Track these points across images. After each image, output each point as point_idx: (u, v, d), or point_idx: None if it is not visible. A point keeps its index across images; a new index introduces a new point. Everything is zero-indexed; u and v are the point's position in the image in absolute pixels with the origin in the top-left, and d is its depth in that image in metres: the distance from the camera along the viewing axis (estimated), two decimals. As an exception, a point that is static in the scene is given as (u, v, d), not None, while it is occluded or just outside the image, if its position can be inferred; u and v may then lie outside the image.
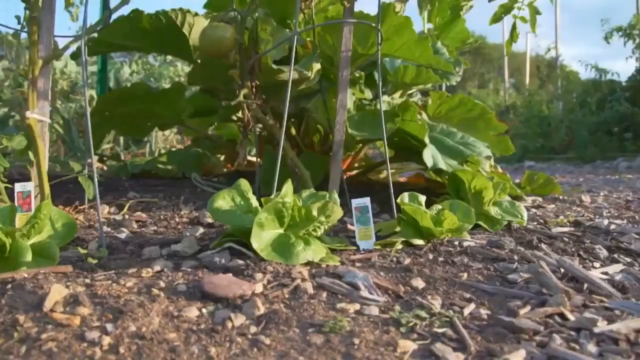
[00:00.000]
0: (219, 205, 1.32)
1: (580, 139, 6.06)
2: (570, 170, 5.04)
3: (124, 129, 2.79)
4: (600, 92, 6.69)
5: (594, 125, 6.09)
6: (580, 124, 6.14)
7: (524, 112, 7.41)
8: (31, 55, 1.67)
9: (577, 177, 4.05)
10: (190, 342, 0.90)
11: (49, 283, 1.08)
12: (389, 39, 2.07)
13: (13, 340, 0.88)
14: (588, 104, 6.54)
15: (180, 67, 4.39)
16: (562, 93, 7.34)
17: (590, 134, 6.03)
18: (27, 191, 1.54)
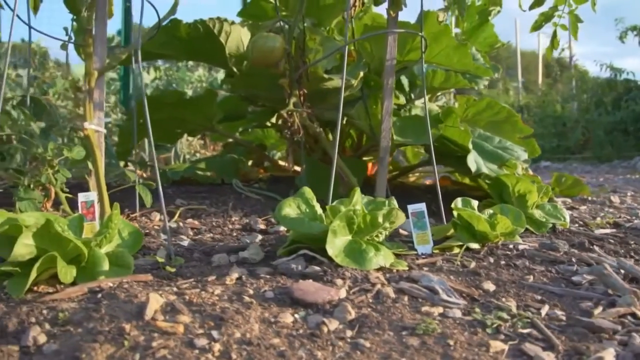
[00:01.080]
0: (286, 213, 1.36)
1: (596, 139, 6.12)
2: (588, 169, 5.11)
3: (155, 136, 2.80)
4: (615, 92, 6.77)
5: (610, 124, 6.16)
6: (597, 124, 6.21)
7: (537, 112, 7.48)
8: (87, 67, 1.71)
9: (597, 177, 4.11)
10: (294, 346, 0.94)
11: (140, 292, 1.12)
12: (427, 45, 2.11)
13: (124, 349, 0.92)
14: (604, 103, 6.61)
15: (202, 73, 4.42)
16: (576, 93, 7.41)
17: (607, 133, 6.11)
18: (91, 201, 1.58)
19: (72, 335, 0.97)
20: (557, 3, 1.77)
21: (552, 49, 1.92)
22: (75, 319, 1.03)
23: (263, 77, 2.04)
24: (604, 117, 6.34)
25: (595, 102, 6.71)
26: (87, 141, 1.67)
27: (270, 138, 3.41)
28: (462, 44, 1.99)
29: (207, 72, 4.43)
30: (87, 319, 1.02)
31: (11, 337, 1.01)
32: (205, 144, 4.03)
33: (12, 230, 1.29)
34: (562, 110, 7.28)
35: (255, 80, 2.05)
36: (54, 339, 0.97)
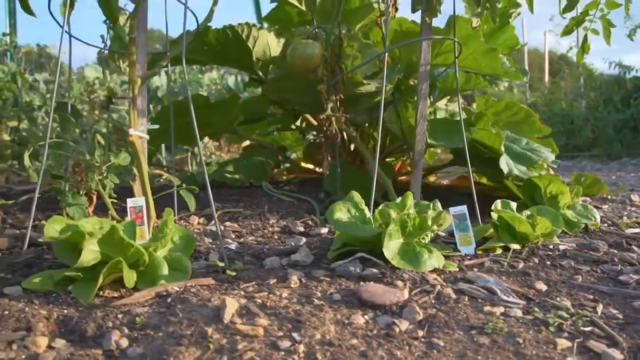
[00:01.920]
0: (339, 217, 1.40)
1: (606, 136, 6.18)
2: (598, 167, 5.17)
3: (178, 138, 2.84)
4: (624, 89, 6.85)
5: (620, 122, 6.22)
6: (606, 121, 6.28)
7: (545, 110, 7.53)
8: (130, 74, 1.73)
9: (609, 175, 4.17)
10: (373, 346, 0.97)
11: (211, 296, 1.16)
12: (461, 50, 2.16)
13: (210, 352, 0.96)
14: (613, 101, 6.68)
15: (214, 75, 4.44)
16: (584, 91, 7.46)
17: (616, 131, 6.17)
18: (139, 206, 1.61)
19: (153, 339, 1.01)
20: (588, 8, 1.82)
21: (583, 52, 1.97)
22: (152, 323, 1.07)
23: (295, 82, 2.07)
24: (613, 114, 6.41)
25: (604, 100, 6.78)
26: (132, 147, 1.70)
27: (285, 140, 3.44)
28: (492, 48, 2.03)
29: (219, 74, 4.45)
30: (166, 323, 1.05)
31: (91, 341, 1.04)
32: (219, 145, 4.06)
33: (75, 236, 1.32)
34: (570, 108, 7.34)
35: (288, 85, 2.08)
36: (136, 343, 1.00)
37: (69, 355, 0.97)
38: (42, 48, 4.01)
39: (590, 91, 7.36)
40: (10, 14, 3.76)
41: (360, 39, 1.86)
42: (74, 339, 1.05)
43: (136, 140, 1.69)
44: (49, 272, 1.32)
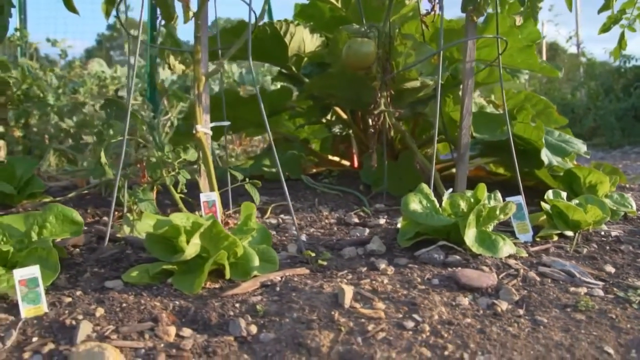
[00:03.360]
0: (414, 208, 1.48)
1: (608, 125, 6.37)
2: (600, 156, 5.37)
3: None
4: (625, 78, 7.06)
5: (622, 111, 6.44)
6: (607, 110, 6.48)
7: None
8: (196, 72, 1.78)
9: (614, 163, 4.34)
10: (486, 324, 1.07)
11: (320, 284, 1.23)
12: (489, 45, 2.25)
13: (343, 334, 1.03)
14: (614, 90, 6.89)
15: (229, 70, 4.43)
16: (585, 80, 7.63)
17: (618, 119, 6.38)
18: (212, 200, 1.66)
19: (281, 325, 1.08)
20: (624, 7, 1.93)
21: (619, 49, 2.08)
22: (272, 310, 1.13)
23: (339, 78, 2.14)
24: (614, 103, 6.63)
25: (605, 89, 6.99)
26: (199, 143, 1.74)
27: (302, 132, 3.50)
28: (528, 45, 2.14)
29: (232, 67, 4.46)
30: (288, 310, 1.12)
31: (216, 329, 1.10)
32: (232, 139, 4.09)
33: (170, 231, 1.37)
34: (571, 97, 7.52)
35: (331, 81, 2.14)
36: (265, 329, 1.07)
37: (205, 343, 1.03)
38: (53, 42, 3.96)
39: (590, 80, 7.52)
40: (20, 10, 3.70)
41: (414, 37, 1.94)
42: (197, 327, 1.11)
43: (202, 136, 1.74)
44: (144, 266, 1.36)
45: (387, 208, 2.05)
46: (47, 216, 1.45)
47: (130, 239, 1.58)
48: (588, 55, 8.83)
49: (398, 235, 1.60)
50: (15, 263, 1.35)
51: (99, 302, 1.20)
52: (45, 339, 1.06)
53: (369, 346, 0.99)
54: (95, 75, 3.72)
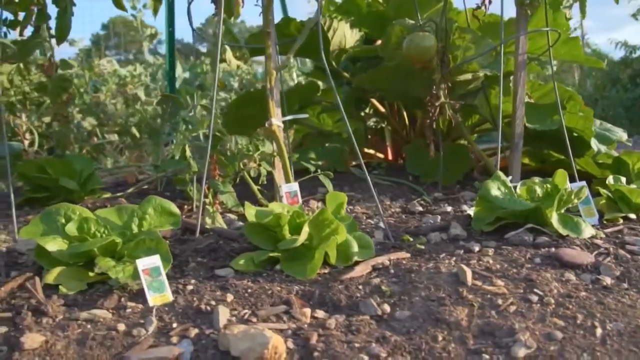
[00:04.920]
0: (496, 194, 1.56)
1: (615, 115, 6.56)
2: None
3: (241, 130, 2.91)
4: (631, 69, 7.27)
5: (629, 101, 6.64)
6: (614, 100, 6.68)
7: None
8: (267, 67, 1.82)
9: (626, 154, 4.52)
10: (599, 296, 1.15)
11: (433, 265, 1.30)
12: (531, 39, 2.33)
13: (476, 308, 1.10)
14: (620, 80, 7.09)
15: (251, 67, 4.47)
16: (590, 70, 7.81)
17: (626, 109, 6.59)
18: (294, 191, 1.71)
19: (412, 303, 1.14)
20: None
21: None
22: (397, 290, 1.20)
23: (389, 72, 2.20)
24: (621, 93, 6.84)
25: (611, 80, 7.20)
26: (274, 136, 1.79)
27: (326, 125, 3.55)
28: (572, 37, 2.23)
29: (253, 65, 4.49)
30: (414, 289, 1.18)
31: (347, 310, 1.16)
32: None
33: (274, 220, 1.42)
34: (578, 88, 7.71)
35: (384, 75, 2.20)
36: (398, 307, 1.13)
37: (347, 322, 1.09)
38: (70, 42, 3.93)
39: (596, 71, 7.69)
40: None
41: (474, 31, 2.01)
42: (328, 309, 1.17)
43: (276, 129, 1.78)
44: (248, 255, 1.41)
45: (445, 197, 2.12)
46: (146, 208, 1.48)
47: (218, 230, 1.62)
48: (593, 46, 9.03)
49: (473, 221, 1.68)
50: (123, 255, 1.39)
51: (223, 288, 1.24)
52: (186, 324, 1.10)
53: (505, 318, 1.06)
54: (116, 74, 3.71)
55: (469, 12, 2.31)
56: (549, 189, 1.59)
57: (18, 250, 1.60)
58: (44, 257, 1.39)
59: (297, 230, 1.45)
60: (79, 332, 1.08)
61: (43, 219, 1.45)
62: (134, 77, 3.77)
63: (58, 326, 1.10)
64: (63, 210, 1.46)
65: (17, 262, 1.52)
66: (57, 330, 1.09)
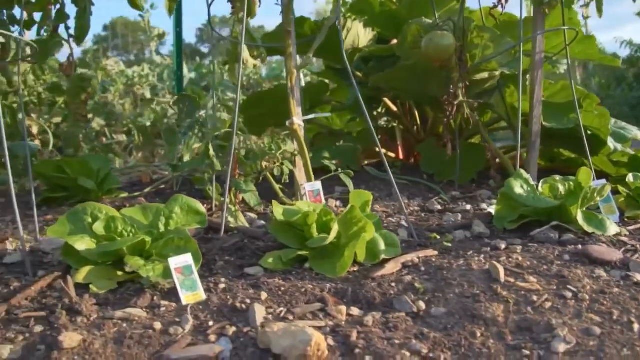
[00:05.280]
0: (520, 192, 1.57)
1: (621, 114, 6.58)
2: None
3: (251, 130, 2.91)
4: (636, 68, 7.29)
5: (635, 99, 6.67)
6: (619, 99, 6.71)
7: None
8: (287, 66, 1.82)
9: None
10: (632, 292, 1.15)
11: (463, 262, 1.30)
12: (547, 37, 2.34)
13: (511, 305, 1.10)
14: (626, 79, 7.12)
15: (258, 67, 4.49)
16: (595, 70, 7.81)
17: (631, 108, 6.62)
18: (317, 190, 1.72)
19: (447, 300, 1.14)
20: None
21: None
22: (430, 287, 1.20)
23: (406, 72, 2.21)
24: (626, 92, 6.87)
25: (616, 79, 7.22)
26: (295, 135, 1.79)
27: (335, 125, 3.56)
28: (588, 36, 2.23)
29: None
30: (447, 286, 1.19)
31: (381, 307, 1.16)
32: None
33: (301, 218, 1.42)
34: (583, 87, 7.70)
35: (400, 74, 2.21)
36: (434, 304, 1.13)
37: (384, 319, 1.09)
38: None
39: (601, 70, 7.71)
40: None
41: (493, 30, 2.01)
42: (362, 306, 1.17)
43: (297, 128, 1.79)
44: (275, 253, 1.41)
45: (462, 195, 2.13)
46: (173, 207, 1.48)
47: (241, 228, 1.62)
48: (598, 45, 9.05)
49: (494, 219, 1.69)
50: (152, 254, 1.39)
51: (255, 287, 1.24)
52: (222, 322, 1.10)
53: (541, 314, 1.06)
54: (124, 75, 3.71)
55: (484, 11, 2.32)
56: (572, 187, 1.59)
57: (42, 250, 1.60)
58: (72, 256, 1.39)
59: (324, 229, 1.46)
60: (115, 331, 1.08)
61: (70, 218, 1.45)
62: (141, 78, 3.77)
63: (93, 325, 1.10)
64: (90, 210, 1.46)
65: (43, 262, 1.52)
66: (93, 329, 1.09)
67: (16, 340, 1.06)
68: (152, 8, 3.85)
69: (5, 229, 1.90)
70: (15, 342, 1.05)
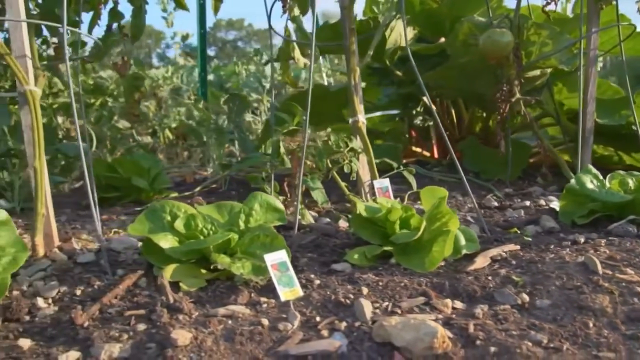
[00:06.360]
0: (592, 188, 1.58)
1: None
2: None
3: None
4: None
5: None
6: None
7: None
8: (351, 64, 1.83)
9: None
10: None
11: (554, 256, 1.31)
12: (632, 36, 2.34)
13: (616, 296, 1.11)
14: None
15: None
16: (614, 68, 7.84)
17: None
18: (385, 186, 1.72)
19: (549, 292, 1.15)
20: None
21: None
22: (528, 280, 1.21)
23: (456, 70, 2.22)
24: None
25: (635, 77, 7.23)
26: (359, 133, 1.79)
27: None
28: (638, 32, 2.25)
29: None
30: (546, 279, 1.20)
31: (483, 300, 1.17)
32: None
33: (384, 215, 1.42)
34: None
35: (449, 73, 2.22)
36: (537, 297, 1.14)
37: (492, 311, 1.10)
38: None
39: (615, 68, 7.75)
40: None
41: (552, 27, 2.02)
42: (463, 299, 1.17)
43: (362, 126, 1.79)
44: (359, 250, 1.41)
45: (515, 192, 2.14)
46: (253, 204, 1.48)
47: (313, 226, 1.62)
48: None
49: (560, 215, 1.70)
50: (236, 251, 1.38)
51: (352, 282, 1.25)
52: (329, 317, 1.10)
53: (651, 306, 1.07)
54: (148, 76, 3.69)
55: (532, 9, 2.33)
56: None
57: (113, 249, 1.60)
58: (154, 254, 1.38)
59: (405, 224, 1.46)
60: (222, 328, 1.08)
61: (148, 216, 1.45)
62: (165, 79, 3.76)
63: (197, 322, 1.10)
64: (168, 208, 1.46)
65: (117, 261, 1.51)
66: (199, 326, 1.08)
67: (121, 338, 1.05)
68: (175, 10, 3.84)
69: (62, 229, 1.89)
70: (121, 341, 1.05)
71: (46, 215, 1.53)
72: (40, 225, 1.50)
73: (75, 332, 1.09)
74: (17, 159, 2.10)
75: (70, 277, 1.38)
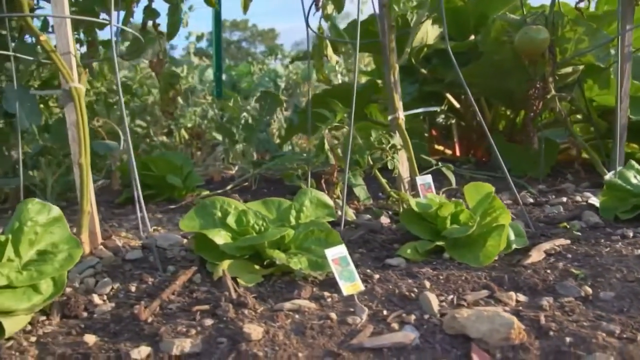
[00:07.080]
0: (636, 182, 1.59)
1: None
2: None
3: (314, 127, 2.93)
4: None
5: None
6: None
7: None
8: (390, 61, 1.83)
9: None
10: None
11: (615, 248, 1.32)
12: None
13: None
14: None
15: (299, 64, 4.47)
16: None
17: None
18: (428, 183, 1.73)
19: (612, 284, 1.16)
20: None
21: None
22: (588, 273, 1.22)
23: (485, 67, 2.23)
24: None
25: None
26: (399, 129, 1.80)
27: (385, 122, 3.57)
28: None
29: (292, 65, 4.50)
30: (606, 272, 1.21)
31: (545, 292, 1.18)
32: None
33: (435, 210, 1.43)
34: None
35: (480, 70, 2.23)
36: (600, 289, 1.15)
37: (558, 304, 1.11)
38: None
39: None
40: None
41: (589, 24, 2.04)
42: (525, 292, 1.18)
43: (401, 123, 1.80)
44: (411, 245, 1.42)
45: (549, 189, 2.15)
46: (303, 200, 1.48)
47: (358, 222, 1.63)
48: None
49: (601, 210, 1.71)
50: (289, 247, 1.39)
51: (411, 276, 1.26)
52: (396, 310, 1.11)
53: None
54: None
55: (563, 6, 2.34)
56: (686, 176, 1.63)
57: (159, 246, 1.60)
58: (207, 250, 1.39)
59: (455, 220, 1.47)
60: (290, 322, 1.08)
61: (198, 212, 1.45)
62: (181, 79, 3.75)
63: (264, 317, 1.10)
64: (218, 204, 1.46)
65: (166, 257, 1.52)
66: (267, 321, 1.08)
67: (189, 333, 1.05)
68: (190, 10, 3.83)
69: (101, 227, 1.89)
70: (190, 336, 1.05)
71: (90, 212, 1.53)
72: (85, 222, 1.50)
73: (140, 328, 1.09)
74: (50, 157, 2.10)
75: (120, 273, 1.39)
